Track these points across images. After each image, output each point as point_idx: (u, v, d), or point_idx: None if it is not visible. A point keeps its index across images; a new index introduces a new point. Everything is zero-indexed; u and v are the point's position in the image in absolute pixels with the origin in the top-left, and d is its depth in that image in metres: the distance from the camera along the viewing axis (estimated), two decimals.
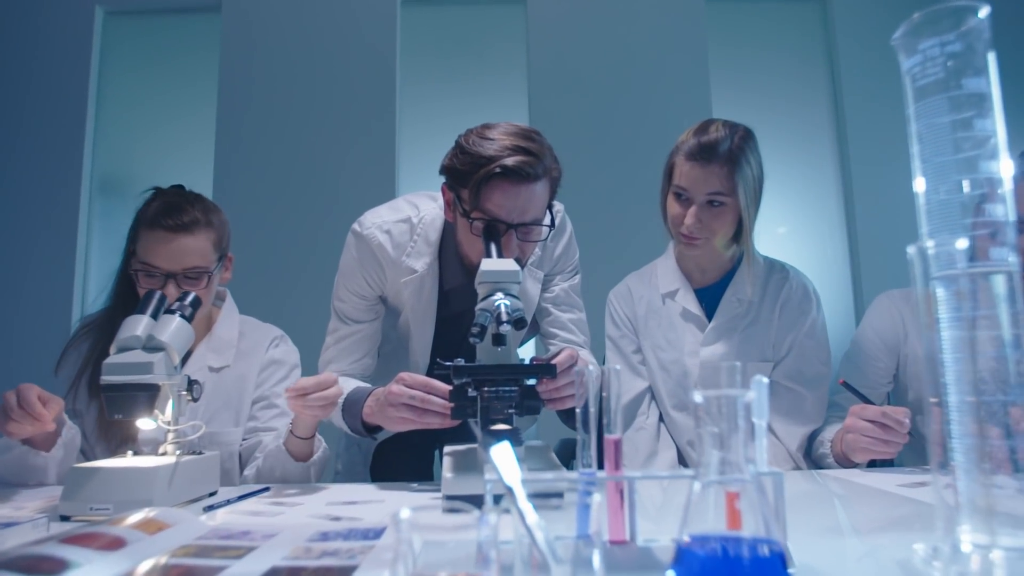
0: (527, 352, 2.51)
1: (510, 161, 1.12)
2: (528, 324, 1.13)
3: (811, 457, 1.42)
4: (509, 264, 1.04)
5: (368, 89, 2.91)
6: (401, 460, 1.61)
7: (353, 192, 2.80)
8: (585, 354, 1.47)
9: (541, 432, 2.24)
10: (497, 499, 0.56)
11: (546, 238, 1.26)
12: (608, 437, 0.66)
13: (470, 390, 1.02)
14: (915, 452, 1.42)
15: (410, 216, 1.34)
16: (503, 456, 0.51)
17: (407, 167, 2.95)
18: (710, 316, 1.47)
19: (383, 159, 2.88)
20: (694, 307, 1.48)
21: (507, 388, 0.97)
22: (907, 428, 1.20)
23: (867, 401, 1.28)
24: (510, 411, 1.01)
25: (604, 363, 1.70)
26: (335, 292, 1.40)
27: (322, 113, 2.90)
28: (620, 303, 1.56)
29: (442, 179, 1.25)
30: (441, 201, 1.33)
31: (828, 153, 2.97)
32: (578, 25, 2.96)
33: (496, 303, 0.99)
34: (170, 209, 1.27)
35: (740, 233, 1.42)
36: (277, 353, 1.45)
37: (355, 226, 1.35)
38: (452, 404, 1.03)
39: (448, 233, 1.34)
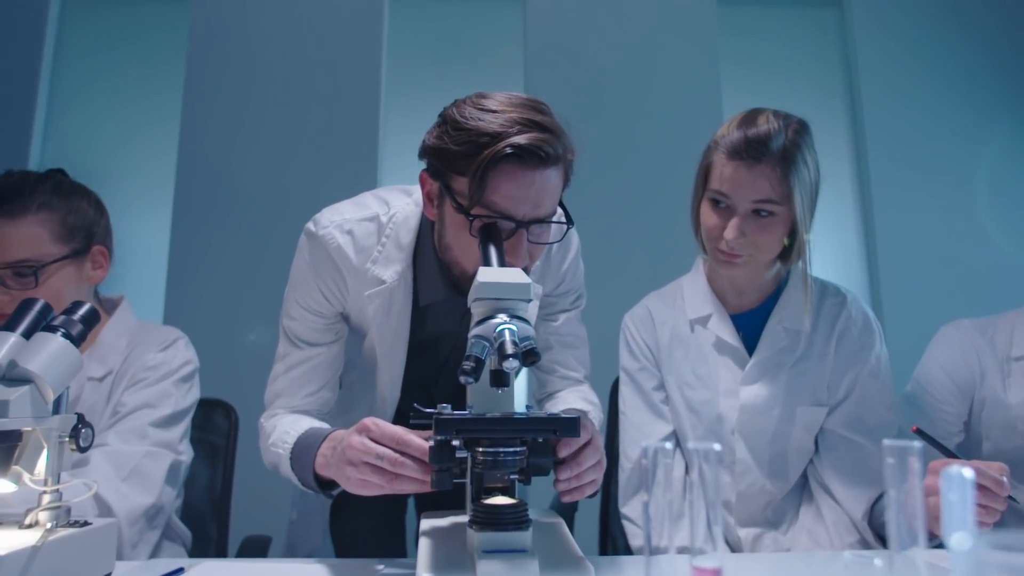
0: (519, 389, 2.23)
1: (523, 139, 0.85)
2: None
3: (871, 525, 1.15)
4: (516, 275, 0.76)
5: (350, 90, 2.65)
6: (367, 511, 1.32)
7: (329, 199, 2.52)
8: (586, 390, 1.23)
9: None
10: None
11: (561, 238, 1.00)
12: (700, 566, 0.39)
13: (457, 446, 0.75)
14: (1002, 523, 1.16)
15: (378, 213, 1.07)
16: None
17: (390, 177, 2.68)
18: (750, 348, 1.21)
19: (363, 167, 2.61)
20: (731, 337, 1.21)
21: (511, 449, 0.69)
22: (1007, 490, 0.94)
23: (949, 454, 1.02)
24: (512, 477, 0.73)
25: (616, 397, 1.44)
26: (284, 308, 1.11)
27: (299, 113, 2.63)
28: (639, 329, 1.29)
29: (421, 165, 0.98)
30: (418, 195, 1.07)
31: (845, 162, 2.76)
32: (581, 26, 2.73)
33: (499, 328, 0.71)
34: None
35: (788, 249, 1.16)
36: (158, 357, 1.17)
37: (309, 225, 1.08)
38: (432, 467, 0.74)
39: (425, 234, 1.07)
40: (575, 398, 1.18)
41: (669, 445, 0.51)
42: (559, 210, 0.99)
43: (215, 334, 2.38)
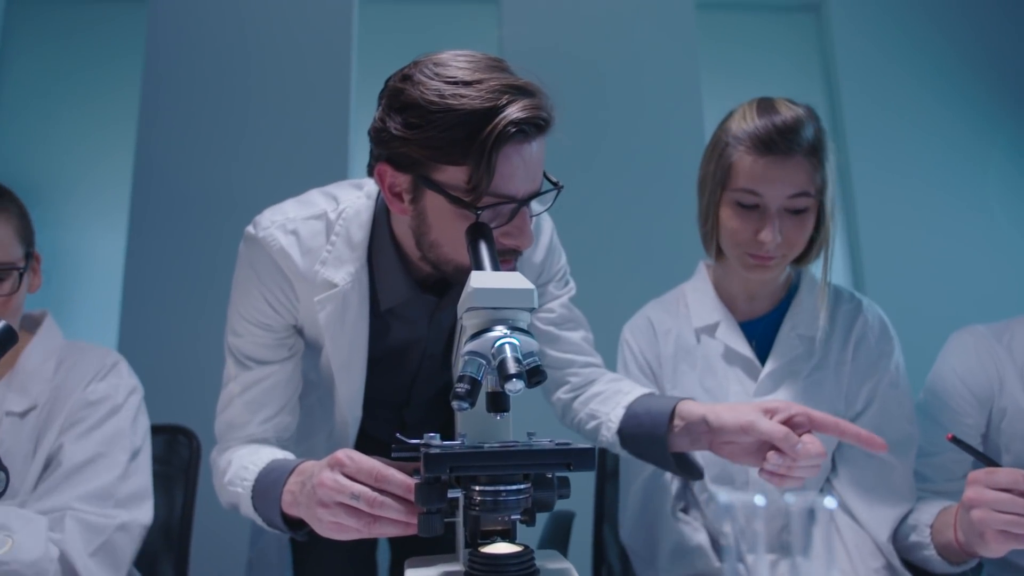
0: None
1: (520, 111, 0.75)
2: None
3: (897, 548, 1.06)
4: (516, 279, 0.65)
5: (318, 96, 2.51)
6: (333, 548, 1.19)
7: None
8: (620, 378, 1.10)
9: None
10: None
11: (552, 204, 0.91)
12: None
13: (448, 482, 0.63)
14: None
15: (325, 210, 0.95)
16: None
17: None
18: (762, 358, 1.11)
19: (332, 177, 2.45)
20: (742, 346, 1.12)
21: (514, 487, 0.58)
22: None
23: (991, 463, 0.92)
24: (514, 518, 0.62)
25: None
26: (229, 324, 0.98)
27: (264, 119, 2.48)
28: (639, 341, 1.19)
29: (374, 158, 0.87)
30: (370, 187, 0.96)
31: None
32: (558, 31, 2.64)
33: (498, 343, 0.60)
34: None
35: (807, 248, 1.09)
36: (99, 390, 1.01)
37: (248, 228, 0.95)
38: (419, 508, 0.63)
39: (380, 229, 0.95)
40: (627, 386, 1.05)
41: (761, 502, 0.41)
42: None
43: (175, 354, 2.22)
